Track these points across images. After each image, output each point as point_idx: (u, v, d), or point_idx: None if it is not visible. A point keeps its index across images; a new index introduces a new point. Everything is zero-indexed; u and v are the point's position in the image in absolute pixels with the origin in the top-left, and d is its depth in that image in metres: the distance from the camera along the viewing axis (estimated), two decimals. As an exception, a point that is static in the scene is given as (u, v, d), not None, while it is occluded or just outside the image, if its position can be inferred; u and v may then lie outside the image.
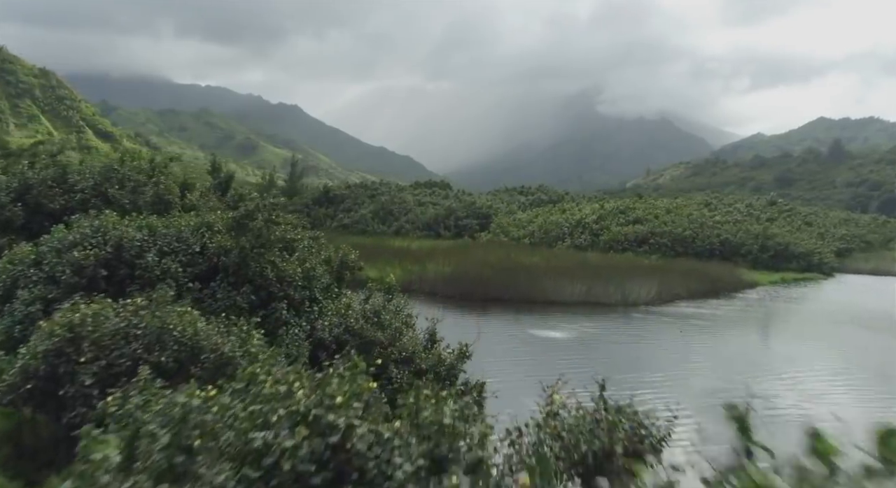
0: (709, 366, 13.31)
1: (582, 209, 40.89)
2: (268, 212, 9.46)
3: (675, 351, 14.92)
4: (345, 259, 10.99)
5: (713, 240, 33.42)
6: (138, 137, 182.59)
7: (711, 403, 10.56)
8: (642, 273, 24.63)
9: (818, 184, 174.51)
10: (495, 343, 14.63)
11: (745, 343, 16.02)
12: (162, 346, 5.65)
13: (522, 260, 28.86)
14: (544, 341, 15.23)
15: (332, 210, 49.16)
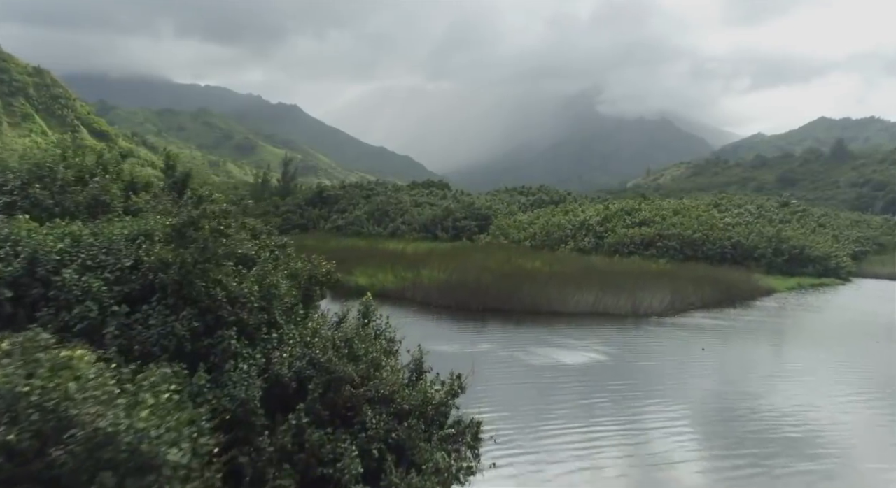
0: (742, 395, 11.61)
1: (585, 210, 39.20)
2: (217, 220, 7.79)
3: (699, 372, 13.22)
4: (314, 272, 9.25)
5: (724, 242, 31.73)
6: (135, 137, 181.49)
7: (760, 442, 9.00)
8: (652, 279, 22.93)
9: (821, 185, 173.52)
10: (494, 365, 12.93)
11: (777, 364, 14.29)
12: (13, 419, 3.98)
13: (524, 264, 27.18)
14: (550, 362, 13.51)
15: (326, 211, 47.49)
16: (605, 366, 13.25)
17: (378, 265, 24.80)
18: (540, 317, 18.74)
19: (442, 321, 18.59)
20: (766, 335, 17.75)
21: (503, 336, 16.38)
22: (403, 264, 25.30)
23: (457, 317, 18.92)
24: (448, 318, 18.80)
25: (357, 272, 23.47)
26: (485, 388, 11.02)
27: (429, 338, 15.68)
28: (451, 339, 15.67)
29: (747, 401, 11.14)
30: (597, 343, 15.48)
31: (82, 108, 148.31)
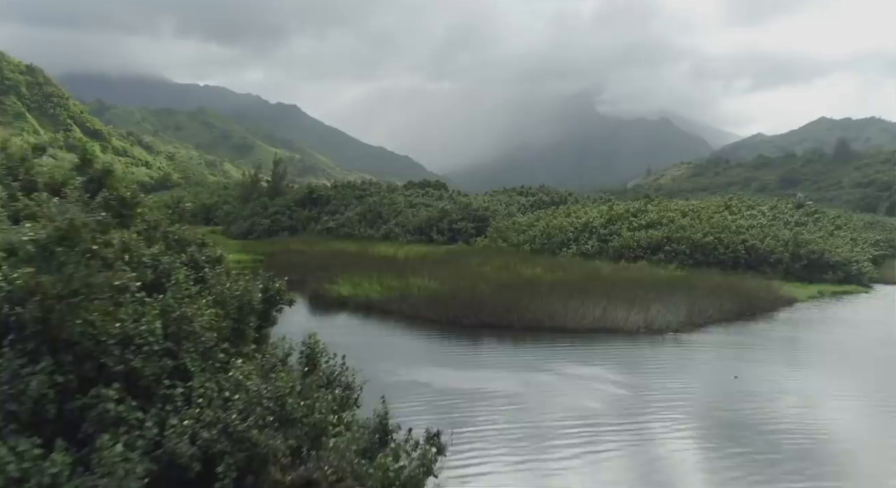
0: (799, 435, 9.50)
1: (588, 212, 37.09)
2: (92, 234, 5.66)
3: (738, 407, 11.11)
4: (249, 299, 7.09)
5: (738, 247, 29.62)
6: (130, 136, 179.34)
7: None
8: (664, 289, 20.83)
9: (824, 185, 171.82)
10: (488, 400, 10.82)
11: (826, 396, 12.15)
12: None
13: (523, 271, 25.09)
14: (554, 398, 11.41)
15: (317, 212, 45.41)
16: (621, 402, 11.14)
17: (365, 272, 22.70)
18: (541, 334, 16.63)
19: (431, 339, 16.48)
20: (801, 357, 15.61)
21: (498, 358, 14.26)
22: (393, 271, 23.20)
23: (447, 334, 16.81)
24: (438, 336, 16.70)
25: (341, 280, 21.39)
26: (472, 436, 8.92)
27: (412, 363, 13.59)
28: (439, 362, 13.59)
29: (805, 442, 9.06)
30: (608, 368, 13.36)
31: (75, 107, 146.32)
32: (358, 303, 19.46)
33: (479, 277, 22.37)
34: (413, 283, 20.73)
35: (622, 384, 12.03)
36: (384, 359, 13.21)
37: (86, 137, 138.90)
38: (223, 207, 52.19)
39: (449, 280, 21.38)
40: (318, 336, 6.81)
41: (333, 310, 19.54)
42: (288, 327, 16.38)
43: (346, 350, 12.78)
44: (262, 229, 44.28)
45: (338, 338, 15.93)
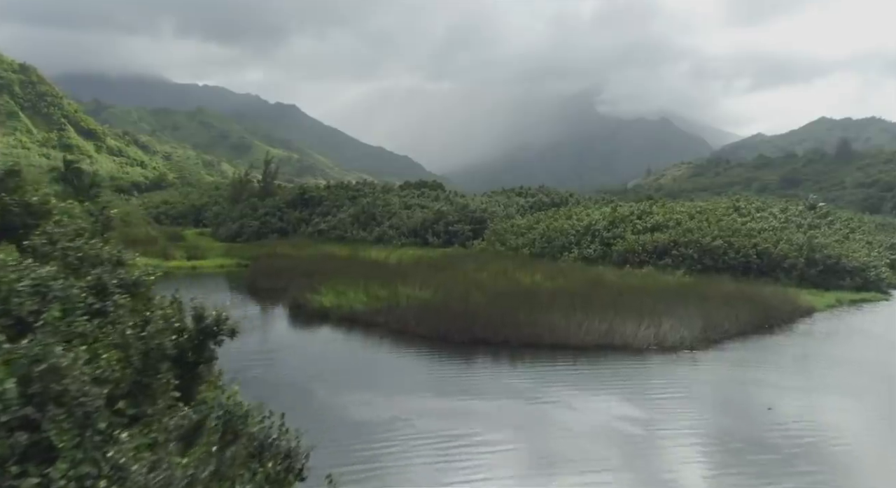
0: None
1: (590, 214, 35.46)
2: None
3: (776, 445, 9.46)
4: (160, 342, 5.46)
5: (749, 251, 27.98)
6: (126, 136, 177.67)
7: None
8: (675, 298, 19.20)
9: (826, 185, 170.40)
10: (476, 446, 9.16)
11: (869, 433, 10.49)
12: None
13: (521, 278, 23.46)
14: (555, 436, 9.77)
15: (308, 213, 43.72)
16: (633, 443, 9.50)
17: (352, 279, 21.07)
18: (540, 352, 14.99)
19: (418, 359, 14.84)
20: (834, 380, 13.94)
21: (492, 384, 12.60)
22: (382, 278, 21.56)
23: (437, 352, 15.17)
24: (426, 354, 15.05)
25: (324, 289, 19.74)
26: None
27: (393, 392, 11.91)
28: (424, 390, 11.94)
29: None
30: (616, 396, 11.73)
31: (70, 107, 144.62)
32: (341, 315, 17.82)
33: (474, 285, 20.75)
34: (402, 293, 19.10)
35: (633, 419, 10.39)
36: (361, 387, 11.60)
37: (80, 137, 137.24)
38: (212, 208, 50.57)
39: (441, 288, 19.76)
40: (238, 395, 5.12)
41: (314, 323, 17.91)
42: (262, 346, 14.75)
43: (320, 374, 11.10)
44: (251, 231, 42.65)
45: (311, 360, 14.30)
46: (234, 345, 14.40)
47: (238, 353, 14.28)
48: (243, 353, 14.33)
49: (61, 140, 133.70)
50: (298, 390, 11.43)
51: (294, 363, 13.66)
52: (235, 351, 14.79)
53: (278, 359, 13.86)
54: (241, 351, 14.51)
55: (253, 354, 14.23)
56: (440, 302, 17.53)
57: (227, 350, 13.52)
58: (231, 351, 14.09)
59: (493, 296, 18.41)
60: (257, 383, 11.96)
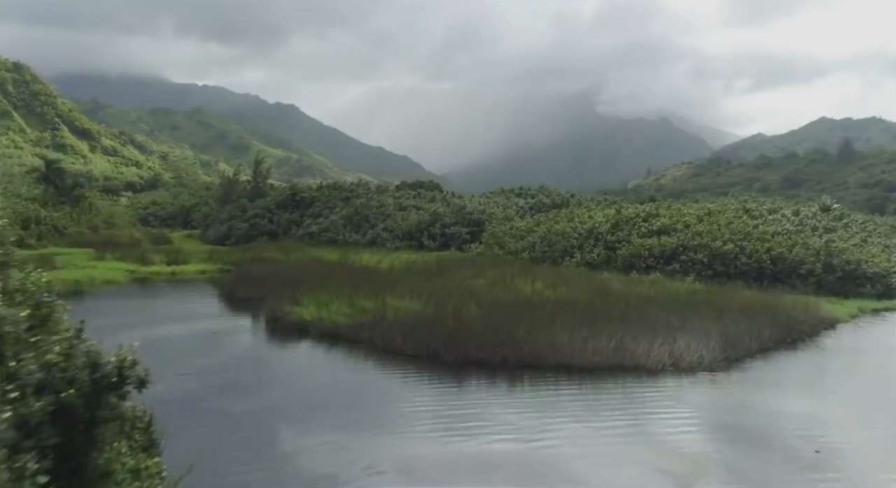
0: None
1: (593, 216, 33.81)
2: None
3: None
4: None
5: (762, 256, 26.32)
6: (122, 135, 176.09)
7: None
8: (688, 310, 17.56)
9: (829, 186, 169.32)
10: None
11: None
12: None
13: (521, 286, 21.82)
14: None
15: (299, 215, 42.06)
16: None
17: (339, 288, 19.41)
18: (542, 375, 13.32)
19: (405, 383, 13.15)
20: (881, 408, 12.28)
21: (486, 417, 10.91)
22: (371, 286, 19.92)
23: (425, 374, 13.50)
24: (414, 377, 13.37)
25: (306, 299, 18.07)
26: None
27: (372, 426, 10.31)
28: (409, 424, 10.27)
29: None
30: (631, 430, 10.07)
31: (63, 106, 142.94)
32: (322, 330, 16.14)
33: (470, 294, 19.09)
34: (390, 304, 17.42)
35: (653, 466, 8.71)
36: (333, 424, 9.93)
37: (74, 137, 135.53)
38: (201, 209, 48.87)
39: (433, 298, 18.11)
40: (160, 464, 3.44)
41: (291, 340, 16.23)
42: (226, 369, 13.06)
43: (288, 406, 9.36)
44: (239, 234, 40.95)
45: (282, 386, 12.43)
46: (198, 367, 12.71)
47: (200, 376, 12.65)
48: (203, 375, 12.69)
49: (55, 139, 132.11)
50: (258, 427, 9.77)
51: (260, 390, 11.99)
52: (197, 375, 13.17)
53: (243, 386, 12.20)
54: (202, 372, 12.86)
55: (215, 378, 12.58)
56: (431, 316, 15.86)
57: (186, 376, 11.75)
58: (192, 376, 12.42)
59: (490, 309, 16.75)
60: (213, 417, 10.30)
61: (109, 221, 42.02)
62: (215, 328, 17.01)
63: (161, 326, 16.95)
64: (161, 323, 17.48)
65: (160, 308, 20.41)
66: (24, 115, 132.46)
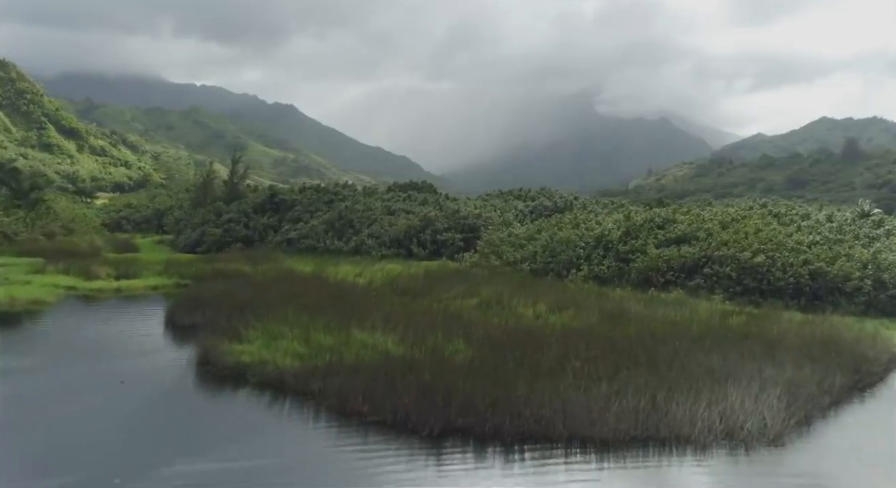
0: None
1: (601, 222, 30.22)
2: None
3: None
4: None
5: (799, 270, 22.73)
6: (114, 135, 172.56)
7: None
8: (730, 344, 14.01)
9: (834, 186, 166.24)
10: None
11: None
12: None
13: (520, 308, 18.25)
14: None
15: (277, 219, 38.44)
16: None
17: (297, 315, 15.82)
18: (550, 452, 9.73)
19: (357, 467, 9.50)
20: None
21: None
22: (338, 312, 16.34)
23: (391, 450, 9.87)
24: (374, 456, 9.72)
25: (253, 332, 14.43)
26: None
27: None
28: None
29: None
30: None
31: (51, 105, 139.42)
32: (264, 377, 12.48)
33: (456, 322, 15.51)
34: (356, 340, 13.83)
35: None
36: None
37: (61, 136, 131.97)
38: (174, 213, 45.24)
39: (411, 330, 14.52)
40: None
41: (222, 392, 12.57)
42: (113, 450, 9.50)
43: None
44: (212, 240, 37.34)
45: (186, 480, 8.64)
46: (63, 452, 8.90)
47: (59, 467, 8.86)
48: (67, 466, 9.02)
49: (41, 139, 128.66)
50: None
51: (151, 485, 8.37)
52: (65, 453, 9.44)
53: (133, 473, 8.58)
54: (64, 463, 9.18)
55: (80, 471, 8.94)
56: (403, 360, 12.25)
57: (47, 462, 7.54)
58: (58, 457, 8.82)
59: (481, 347, 13.15)
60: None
61: (69, 227, 38.47)
62: (132, 371, 13.40)
63: (55, 370, 13.39)
64: (59, 364, 13.90)
65: (76, 340, 16.77)
66: (9, 113, 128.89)
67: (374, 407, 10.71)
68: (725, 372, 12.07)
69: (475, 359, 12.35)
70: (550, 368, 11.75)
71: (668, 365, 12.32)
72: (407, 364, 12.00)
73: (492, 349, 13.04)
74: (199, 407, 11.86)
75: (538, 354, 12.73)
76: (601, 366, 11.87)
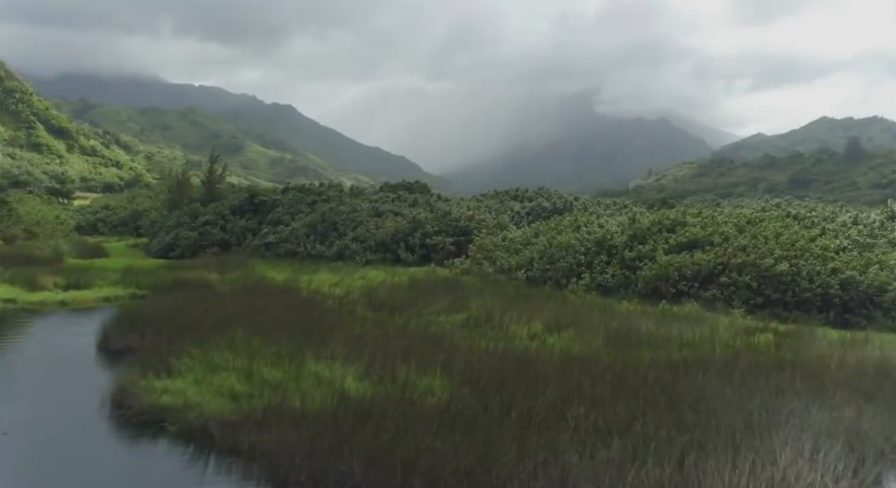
0: None
1: (604, 224, 27.71)
2: None
3: None
4: None
5: (827, 279, 20.20)
6: (107, 135, 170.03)
7: None
8: (765, 377, 11.51)
9: (837, 186, 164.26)
10: None
11: None
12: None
13: (512, 328, 15.76)
14: None
15: (257, 222, 35.89)
16: None
17: (247, 337, 13.31)
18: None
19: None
20: None
21: None
22: (297, 333, 13.84)
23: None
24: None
25: (185, 364, 11.88)
26: None
27: None
28: None
29: None
30: None
31: (40, 104, 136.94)
32: (187, 426, 9.96)
33: (436, 347, 13.01)
34: (309, 372, 11.31)
35: None
36: None
37: (50, 136, 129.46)
38: (150, 215, 42.73)
39: (381, 356, 12.01)
40: None
41: (136, 446, 10.05)
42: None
43: None
44: (186, 244, 34.83)
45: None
46: None
47: None
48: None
49: (30, 138, 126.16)
50: None
51: None
52: None
53: None
54: None
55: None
56: (360, 407, 9.71)
57: None
58: None
59: (461, 385, 10.63)
60: None
61: (32, 230, 36.01)
62: (25, 415, 10.86)
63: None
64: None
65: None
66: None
67: (315, 474, 8.17)
68: (767, 417, 9.56)
69: (452, 402, 9.82)
70: (546, 416, 9.24)
71: (695, 408, 9.81)
72: (365, 409, 9.48)
73: (474, 387, 10.51)
74: (98, 469, 9.30)
75: (532, 394, 10.21)
76: (610, 413, 9.36)
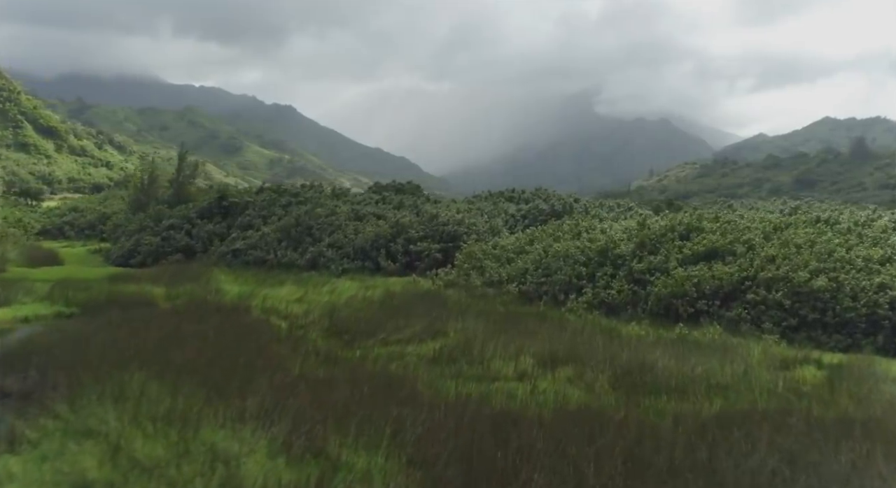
0: None
1: (608, 230, 24.51)
2: None
3: None
4: None
5: (873, 296, 17.01)
6: (100, 135, 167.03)
7: None
8: (827, 448, 8.27)
9: (844, 186, 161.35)
10: None
11: None
12: None
13: (496, 367, 12.57)
14: None
15: (226, 226, 32.68)
16: None
17: (145, 383, 10.14)
18: None
19: None
20: None
21: None
22: (216, 374, 10.66)
23: None
24: None
25: (34, 435, 8.69)
26: None
27: None
28: None
29: None
30: None
31: (28, 102, 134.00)
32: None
33: (391, 398, 9.80)
34: (202, 448, 8.09)
35: None
36: None
37: (38, 135, 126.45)
38: (112, 219, 39.59)
39: (310, 418, 8.80)
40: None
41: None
42: None
43: None
44: (148, 250, 31.68)
45: None
46: None
47: None
48: None
49: (17, 138, 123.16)
50: None
51: None
52: None
53: None
54: None
55: None
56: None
57: None
58: None
59: (411, 474, 7.42)
60: None
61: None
62: None
63: None
64: None
65: None
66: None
67: None
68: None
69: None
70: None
71: None
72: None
73: (428, 473, 7.30)
74: None
75: (509, 483, 7.00)
76: None
